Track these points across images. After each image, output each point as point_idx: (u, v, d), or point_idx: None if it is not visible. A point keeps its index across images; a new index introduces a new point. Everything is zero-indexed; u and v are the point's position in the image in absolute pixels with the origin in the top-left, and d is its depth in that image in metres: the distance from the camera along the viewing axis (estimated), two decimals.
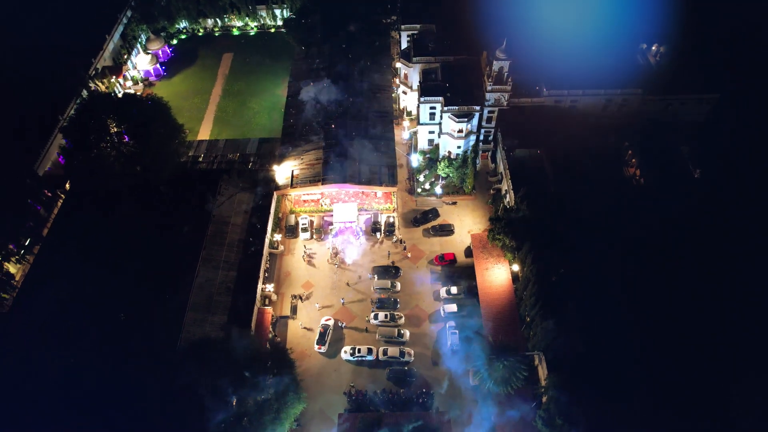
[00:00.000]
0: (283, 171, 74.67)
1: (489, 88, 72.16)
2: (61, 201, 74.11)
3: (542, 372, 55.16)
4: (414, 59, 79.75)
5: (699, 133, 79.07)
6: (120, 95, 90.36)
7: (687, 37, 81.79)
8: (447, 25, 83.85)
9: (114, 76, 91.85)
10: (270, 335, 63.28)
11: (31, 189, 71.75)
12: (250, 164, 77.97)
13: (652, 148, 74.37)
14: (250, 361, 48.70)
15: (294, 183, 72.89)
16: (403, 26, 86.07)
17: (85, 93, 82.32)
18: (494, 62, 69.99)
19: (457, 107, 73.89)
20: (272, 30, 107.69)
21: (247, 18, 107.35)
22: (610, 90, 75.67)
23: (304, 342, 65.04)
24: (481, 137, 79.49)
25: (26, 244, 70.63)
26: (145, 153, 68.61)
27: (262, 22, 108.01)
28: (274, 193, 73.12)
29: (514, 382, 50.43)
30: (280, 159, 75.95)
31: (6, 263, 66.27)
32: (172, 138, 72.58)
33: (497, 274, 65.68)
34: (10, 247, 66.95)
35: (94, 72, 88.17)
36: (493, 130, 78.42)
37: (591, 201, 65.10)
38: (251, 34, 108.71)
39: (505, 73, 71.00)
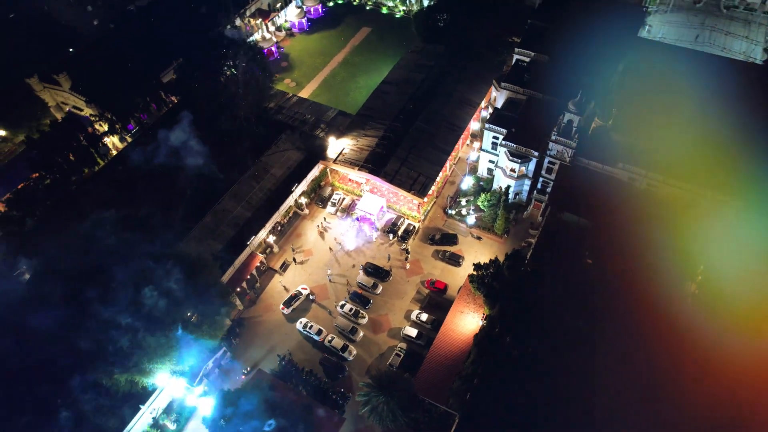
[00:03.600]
0: (337, 146, 79.15)
1: (554, 137, 66.48)
2: (171, 105, 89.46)
3: None
4: (502, 84, 76.37)
5: None
6: (257, 37, 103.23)
7: None
8: (561, 61, 77.63)
9: (261, 19, 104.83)
10: (249, 277, 69.93)
11: (152, 90, 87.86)
12: (318, 131, 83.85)
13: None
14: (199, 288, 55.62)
15: (337, 160, 77.04)
16: (517, 49, 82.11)
17: (228, 27, 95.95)
18: (565, 113, 64.13)
19: (514, 145, 69.72)
20: None
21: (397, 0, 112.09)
22: (698, 185, 63.57)
23: (277, 298, 70.52)
24: (539, 186, 73.80)
25: (133, 131, 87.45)
26: (238, 90, 79.16)
27: (408, 7, 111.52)
28: (320, 162, 78.29)
29: (387, 420, 49.10)
30: (341, 135, 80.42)
31: (111, 135, 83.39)
32: (262, 85, 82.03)
33: (467, 322, 62.53)
34: (118, 125, 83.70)
35: (244, 11, 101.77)
36: (552, 182, 72.21)
37: (617, 302, 57.97)
38: (396, 16, 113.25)
39: (574, 128, 64.61)
